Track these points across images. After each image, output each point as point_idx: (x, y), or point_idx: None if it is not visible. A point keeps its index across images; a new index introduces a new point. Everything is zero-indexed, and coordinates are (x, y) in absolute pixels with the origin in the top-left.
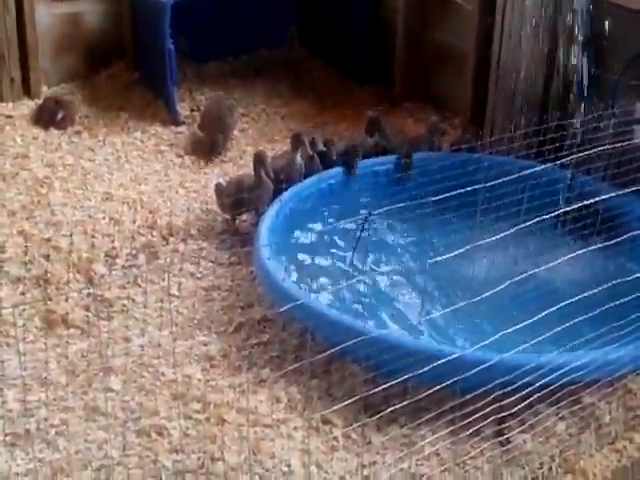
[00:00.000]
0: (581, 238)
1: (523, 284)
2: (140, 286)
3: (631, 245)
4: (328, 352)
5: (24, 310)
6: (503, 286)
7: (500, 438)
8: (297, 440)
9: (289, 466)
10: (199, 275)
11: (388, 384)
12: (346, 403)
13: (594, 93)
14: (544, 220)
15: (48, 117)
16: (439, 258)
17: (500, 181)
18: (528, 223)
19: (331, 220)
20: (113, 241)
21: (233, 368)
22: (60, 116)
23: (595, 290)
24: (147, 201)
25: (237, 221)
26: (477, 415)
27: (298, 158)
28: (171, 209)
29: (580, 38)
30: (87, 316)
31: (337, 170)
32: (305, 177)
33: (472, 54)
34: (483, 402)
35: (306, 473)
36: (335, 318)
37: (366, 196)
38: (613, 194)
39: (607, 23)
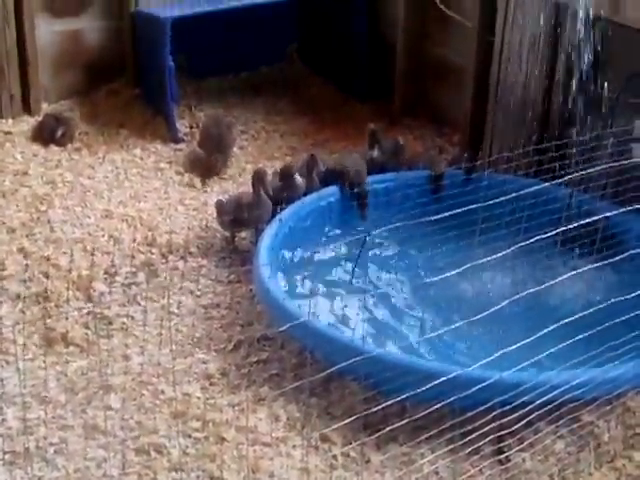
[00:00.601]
0: (580, 256)
1: (522, 302)
2: (140, 304)
3: (630, 263)
4: (327, 371)
5: (24, 328)
6: (502, 305)
7: (499, 456)
8: (296, 459)
9: None
10: (198, 293)
11: (387, 403)
12: (345, 422)
13: (593, 111)
14: (543, 238)
15: (48, 134)
16: (438, 277)
17: (499, 200)
18: (527, 242)
19: (331, 239)
20: (113, 259)
21: (232, 386)
22: (60, 133)
23: (595, 308)
24: (146, 219)
25: (236, 239)
26: (476, 433)
27: (299, 178)
28: (170, 227)
29: (579, 56)
30: (87, 334)
31: (336, 188)
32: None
33: (472, 71)
34: (482, 420)
35: None
36: (334, 337)
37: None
38: (612, 212)
39: (606, 41)
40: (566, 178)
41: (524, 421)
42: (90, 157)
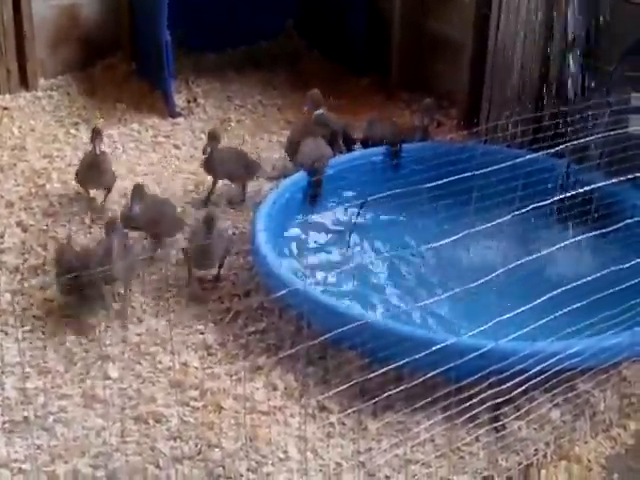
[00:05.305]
0: (575, 226)
1: (517, 271)
2: (138, 275)
3: (624, 233)
4: (323, 337)
5: (23, 295)
6: (497, 273)
7: (495, 424)
8: (293, 427)
9: (285, 452)
10: None
11: (384, 370)
12: (341, 389)
13: (590, 83)
14: (538, 208)
15: None
16: (434, 244)
17: (494, 168)
18: (522, 211)
19: (327, 207)
20: None
21: (230, 356)
22: None
23: (590, 277)
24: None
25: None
26: (472, 401)
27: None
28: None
29: (576, 29)
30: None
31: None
32: None
33: (469, 44)
34: (478, 388)
35: (302, 459)
36: (331, 304)
37: (362, 184)
38: (607, 182)
39: (603, 13)
40: (561, 147)
41: (520, 389)
42: (87, 132)
